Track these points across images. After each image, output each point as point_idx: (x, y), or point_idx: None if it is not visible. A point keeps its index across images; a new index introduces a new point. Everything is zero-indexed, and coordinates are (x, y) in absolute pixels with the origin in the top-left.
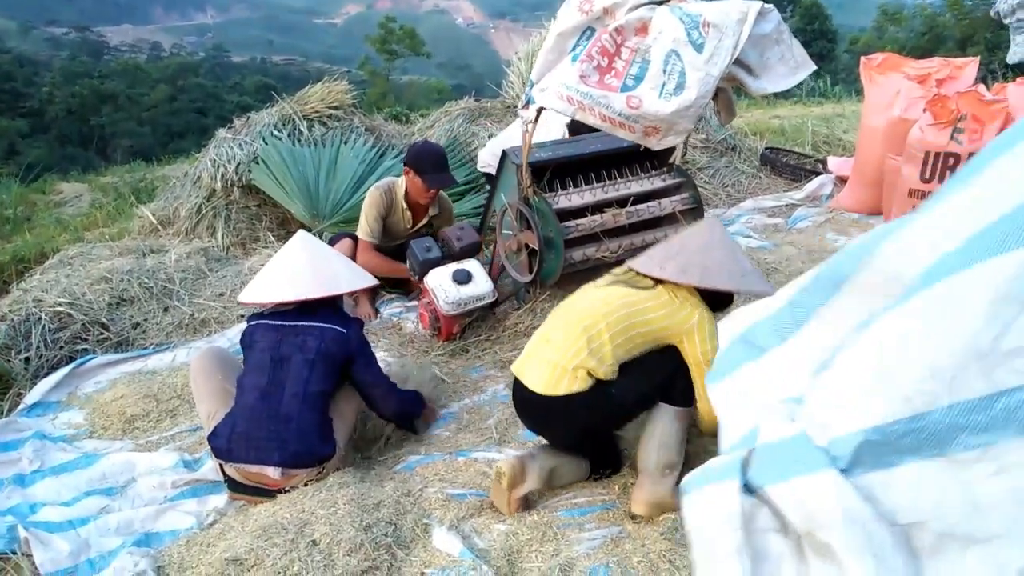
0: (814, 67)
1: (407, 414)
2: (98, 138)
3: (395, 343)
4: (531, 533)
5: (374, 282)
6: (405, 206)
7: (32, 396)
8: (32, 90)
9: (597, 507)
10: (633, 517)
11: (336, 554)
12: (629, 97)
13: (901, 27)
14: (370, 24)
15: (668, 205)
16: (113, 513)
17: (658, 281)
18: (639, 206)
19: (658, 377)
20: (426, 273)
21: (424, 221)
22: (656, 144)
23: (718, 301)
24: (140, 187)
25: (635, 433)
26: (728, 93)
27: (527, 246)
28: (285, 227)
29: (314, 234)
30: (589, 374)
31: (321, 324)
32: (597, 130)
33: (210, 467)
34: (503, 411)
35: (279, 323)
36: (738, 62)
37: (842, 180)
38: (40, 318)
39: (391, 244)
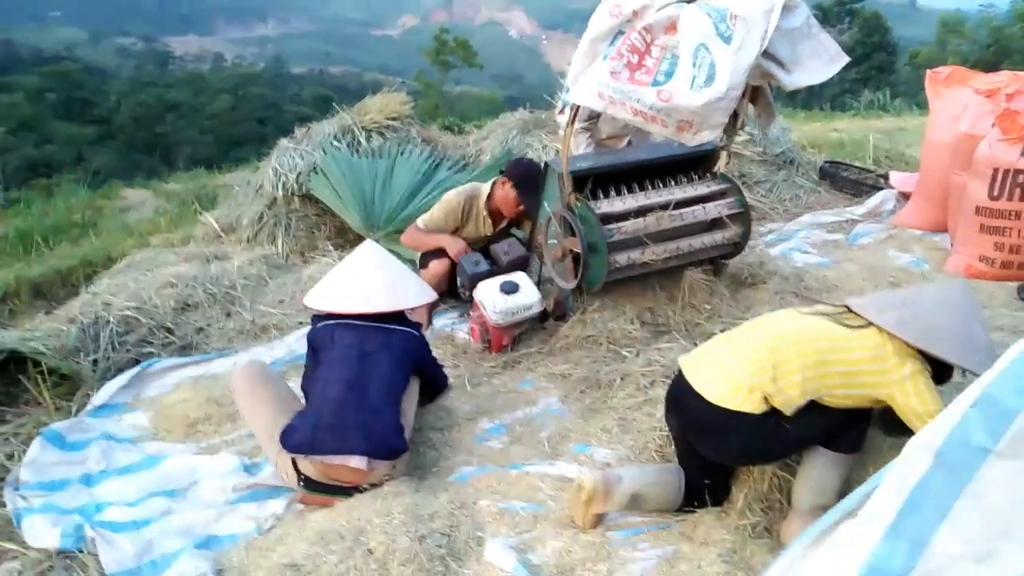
0: (847, 59)
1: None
2: (162, 146)
3: (448, 353)
4: (585, 552)
5: (435, 296)
6: (485, 213)
7: (99, 397)
8: (100, 98)
9: (652, 527)
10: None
11: (391, 564)
12: (660, 91)
13: (964, 39)
14: (425, 36)
15: (713, 210)
16: (175, 515)
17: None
18: (683, 210)
19: (834, 422)
20: (475, 286)
21: (504, 225)
22: (691, 139)
23: (937, 370)
24: (202, 194)
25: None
26: (766, 94)
27: (572, 252)
28: (342, 236)
29: None
30: (765, 399)
31: (398, 327)
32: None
33: (270, 472)
34: (556, 424)
35: (357, 323)
36: (770, 57)
37: (905, 196)
38: (108, 321)
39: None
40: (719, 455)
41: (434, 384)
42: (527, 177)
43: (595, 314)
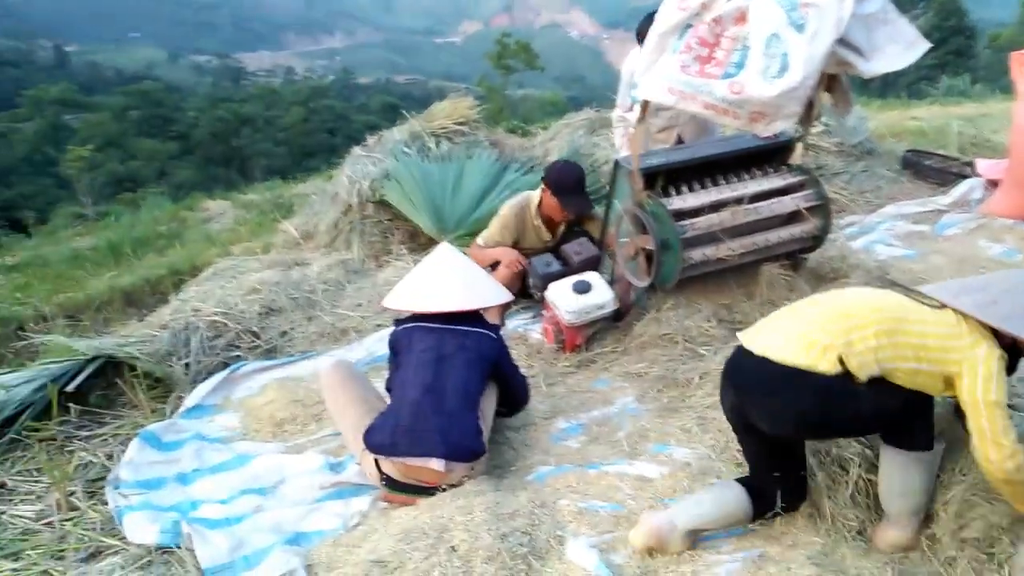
0: (928, 44)
1: (526, 400)
2: (238, 158)
3: (521, 354)
4: (668, 555)
5: (511, 296)
6: (538, 223)
7: (191, 399)
8: (179, 115)
9: (734, 531)
10: None
11: (474, 561)
12: (731, 83)
13: None
14: (487, 41)
15: (790, 203)
16: (265, 512)
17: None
18: (759, 203)
19: (902, 404)
20: (546, 287)
21: (563, 229)
22: (764, 130)
23: (1014, 355)
24: (279, 204)
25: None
26: (842, 82)
27: (644, 250)
28: (415, 240)
29: None
30: (840, 361)
31: (475, 328)
32: None
33: (354, 470)
34: (633, 424)
35: (435, 326)
36: (846, 44)
37: (993, 184)
38: (198, 327)
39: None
40: (782, 424)
41: (511, 392)
42: (562, 181)
43: (670, 312)
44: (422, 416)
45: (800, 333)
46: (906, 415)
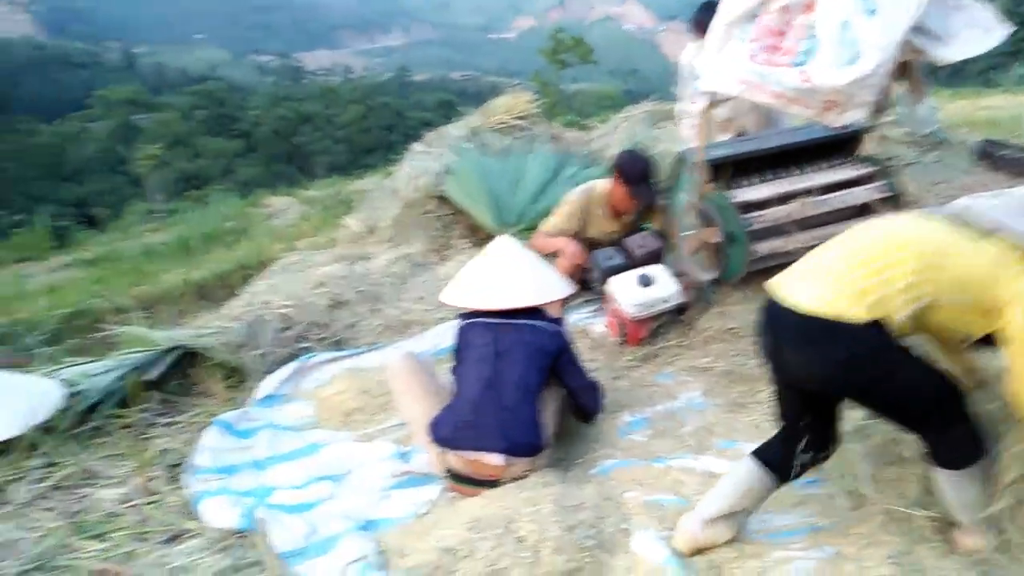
0: (1009, 29)
1: (596, 410)
2: (299, 155)
3: (584, 347)
4: (735, 549)
5: (571, 290)
6: (604, 211)
7: (264, 389)
8: (242, 114)
9: (804, 530)
10: None
11: (543, 552)
12: (801, 71)
13: None
14: (541, 36)
15: (862, 194)
16: (337, 499)
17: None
18: (829, 195)
19: (934, 391)
20: (608, 280)
21: (630, 220)
22: (836, 120)
23: None
24: (339, 199)
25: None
26: (916, 70)
27: (709, 243)
28: (475, 234)
29: None
30: (879, 304)
31: (535, 322)
32: None
33: (422, 460)
34: (699, 419)
35: (495, 321)
36: (922, 30)
37: None
38: (269, 319)
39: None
40: (813, 377)
41: (574, 394)
42: (632, 169)
43: (736, 306)
44: (482, 411)
45: (831, 277)
46: (939, 413)
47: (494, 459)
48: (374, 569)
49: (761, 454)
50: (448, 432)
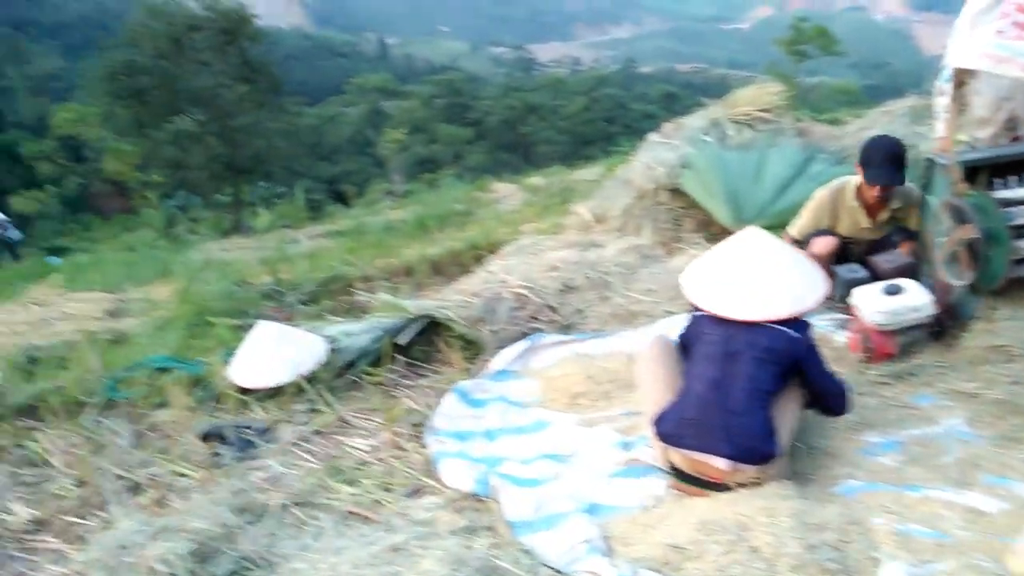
0: None
1: (845, 413)
2: (523, 145)
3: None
4: None
5: (823, 294)
6: (857, 205)
7: (496, 363)
8: (476, 103)
9: None
10: None
11: (779, 566)
12: None
13: None
14: (778, 27)
15: None
16: (563, 479)
17: None
18: None
19: None
20: (850, 293)
21: (885, 217)
22: None
23: None
24: (561, 188)
25: None
26: None
27: (964, 242)
28: (707, 229)
29: None
30: None
31: (772, 325)
32: None
33: (647, 451)
34: (963, 450)
35: (726, 317)
36: None
37: None
38: (504, 297)
39: (856, 249)
40: None
41: (820, 398)
42: (869, 151)
43: (1005, 322)
44: (707, 411)
45: None
46: None
47: (718, 463)
48: (599, 553)
49: None
50: (671, 428)
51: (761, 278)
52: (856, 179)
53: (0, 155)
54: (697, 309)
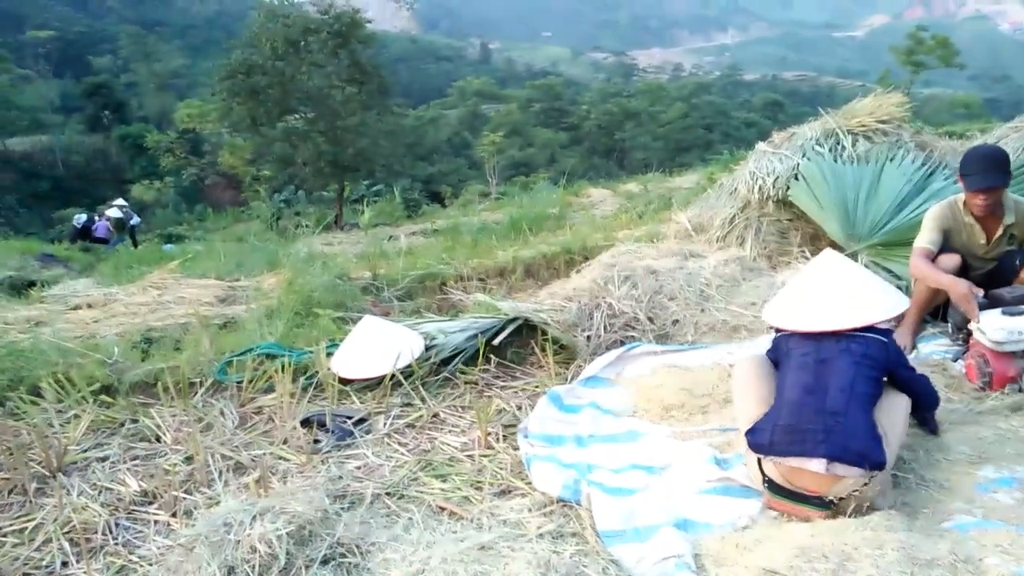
0: None
1: (936, 403)
2: (619, 150)
3: (938, 383)
4: None
5: (905, 306)
6: (970, 220)
7: (590, 370)
8: (573, 108)
9: None
10: None
11: None
12: None
13: None
14: (894, 35)
15: None
16: (653, 491)
17: None
18: None
19: None
20: (967, 320)
21: (999, 233)
22: None
23: None
24: (655, 195)
25: None
26: None
27: None
28: (814, 244)
29: (848, 255)
30: None
31: (861, 333)
32: None
33: (742, 470)
34: None
35: (815, 331)
36: None
37: None
38: (600, 304)
39: (977, 271)
40: None
41: (914, 393)
42: (968, 158)
43: None
44: (803, 415)
45: None
46: None
47: (814, 465)
48: (688, 571)
49: None
50: (765, 437)
51: (848, 290)
52: (963, 195)
53: (125, 145)
54: (780, 331)
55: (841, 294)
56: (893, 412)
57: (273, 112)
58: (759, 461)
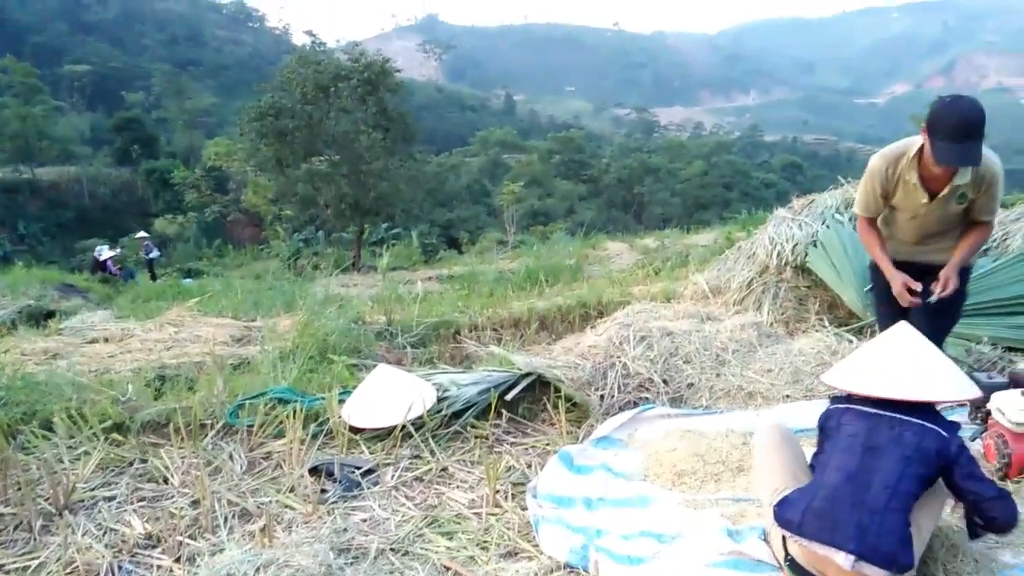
0: None
1: (1012, 523)
2: (637, 204)
3: None
4: None
5: (977, 394)
6: (914, 181)
7: (601, 430)
8: (594, 160)
9: None
10: None
11: None
12: None
13: None
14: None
15: None
16: (663, 560)
17: None
18: None
19: None
20: (988, 400)
21: (945, 192)
22: None
23: None
24: (671, 253)
25: None
26: None
27: None
28: (832, 312)
29: (865, 325)
30: None
31: (921, 422)
32: None
33: (754, 544)
34: None
35: (872, 411)
36: None
37: None
38: (614, 364)
39: (916, 220)
40: None
41: (975, 507)
42: (938, 117)
43: None
44: (838, 504)
45: None
46: None
47: (841, 559)
48: None
49: None
50: (796, 516)
51: (919, 364)
52: (918, 143)
53: (152, 180)
54: (837, 400)
55: (911, 366)
56: (929, 507)
57: (299, 154)
58: (784, 538)
